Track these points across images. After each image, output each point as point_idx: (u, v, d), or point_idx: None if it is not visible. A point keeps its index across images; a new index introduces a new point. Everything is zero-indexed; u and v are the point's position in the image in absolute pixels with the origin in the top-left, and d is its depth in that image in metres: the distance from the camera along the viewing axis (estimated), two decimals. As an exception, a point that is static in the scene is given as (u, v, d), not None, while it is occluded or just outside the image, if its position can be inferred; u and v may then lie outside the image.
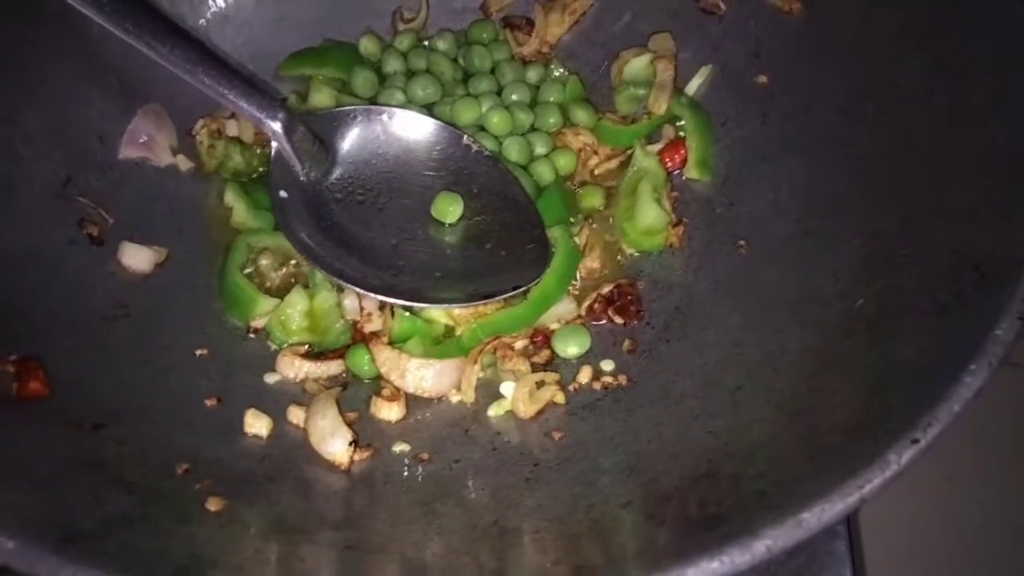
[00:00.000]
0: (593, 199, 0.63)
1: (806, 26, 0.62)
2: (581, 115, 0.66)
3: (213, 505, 0.42)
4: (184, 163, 0.63)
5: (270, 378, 0.55)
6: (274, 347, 0.57)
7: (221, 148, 0.63)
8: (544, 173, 0.63)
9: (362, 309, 0.57)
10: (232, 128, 0.64)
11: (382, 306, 0.57)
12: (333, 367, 0.56)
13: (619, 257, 0.62)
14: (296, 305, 0.57)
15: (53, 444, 0.43)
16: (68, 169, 0.58)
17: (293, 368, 0.55)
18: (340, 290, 0.57)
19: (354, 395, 0.54)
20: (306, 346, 0.57)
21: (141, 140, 0.62)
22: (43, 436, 0.44)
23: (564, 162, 0.64)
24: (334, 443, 0.49)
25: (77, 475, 0.41)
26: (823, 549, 0.60)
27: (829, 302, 0.50)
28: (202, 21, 0.67)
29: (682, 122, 0.64)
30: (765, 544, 0.33)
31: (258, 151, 0.64)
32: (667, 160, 0.64)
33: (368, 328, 0.56)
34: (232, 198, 0.61)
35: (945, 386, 0.37)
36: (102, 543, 0.36)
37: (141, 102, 0.63)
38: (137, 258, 0.57)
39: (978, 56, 0.51)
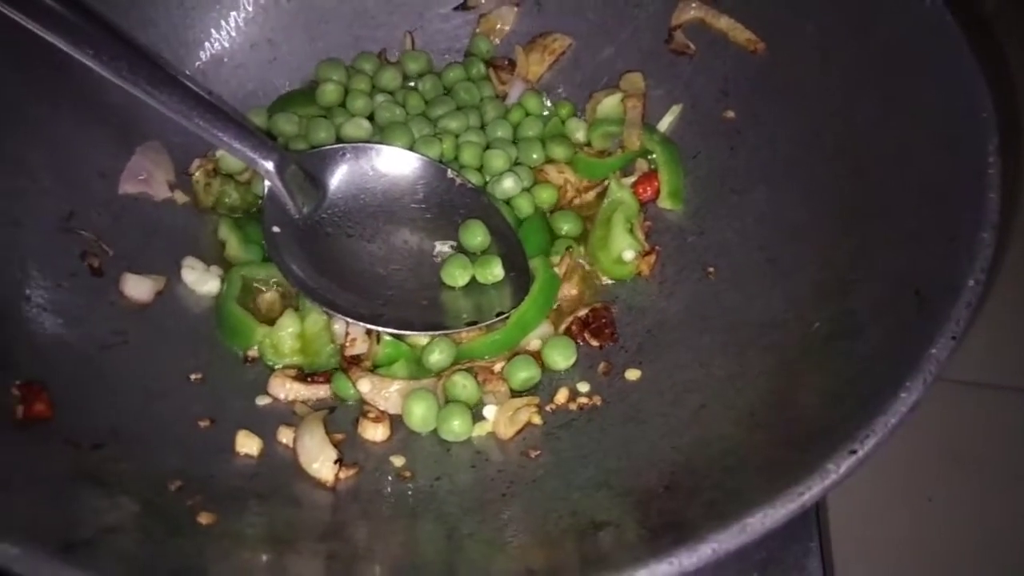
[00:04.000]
0: (568, 223, 0.66)
1: (770, 64, 0.65)
2: (559, 150, 0.69)
3: (204, 519, 0.45)
4: (181, 197, 0.66)
5: (261, 401, 0.57)
6: (267, 369, 0.59)
7: (216, 186, 0.65)
8: (524, 206, 0.66)
9: (347, 334, 0.59)
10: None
11: (368, 331, 0.60)
12: (321, 390, 0.58)
13: (597, 283, 0.65)
14: (287, 328, 0.59)
15: (55, 461, 0.46)
16: (71, 204, 0.60)
17: (284, 389, 0.58)
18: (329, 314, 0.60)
19: (342, 417, 0.57)
20: (296, 369, 0.59)
21: (140, 176, 0.64)
22: (46, 454, 0.46)
23: (546, 196, 0.68)
24: (320, 462, 0.51)
25: (77, 489, 0.44)
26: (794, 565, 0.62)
27: (788, 325, 0.53)
28: (198, 63, 0.70)
29: (654, 155, 0.68)
30: (711, 547, 0.36)
31: (252, 188, 0.66)
32: (641, 191, 0.67)
33: (351, 352, 0.59)
34: (225, 232, 0.64)
35: (883, 401, 0.40)
36: (98, 551, 0.38)
37: (140, 140, 0.65)
38: (139, 288, 0.60)
39: (924, 94, 0.54)
